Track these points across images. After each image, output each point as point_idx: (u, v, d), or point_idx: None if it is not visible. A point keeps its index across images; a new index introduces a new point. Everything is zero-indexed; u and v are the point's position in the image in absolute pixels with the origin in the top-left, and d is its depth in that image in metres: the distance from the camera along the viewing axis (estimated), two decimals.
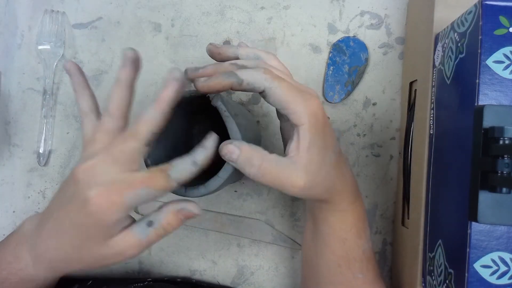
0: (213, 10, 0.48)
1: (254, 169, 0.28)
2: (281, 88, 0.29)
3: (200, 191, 0.33)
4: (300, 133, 0.29)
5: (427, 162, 0.37)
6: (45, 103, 0.48)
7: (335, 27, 0.47)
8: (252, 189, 0.47)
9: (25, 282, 0.33)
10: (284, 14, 0.47)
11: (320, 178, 0.31)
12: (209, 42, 0.47)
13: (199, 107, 0.40)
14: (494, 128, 0.27)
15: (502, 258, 0.29)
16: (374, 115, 0.46)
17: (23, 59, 0.50)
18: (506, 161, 0.26)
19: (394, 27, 0.46)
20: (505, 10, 0.29)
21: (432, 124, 0.36)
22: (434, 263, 0.34)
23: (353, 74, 0.46)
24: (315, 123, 0.29)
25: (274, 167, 0.29)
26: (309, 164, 0.30)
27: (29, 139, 0.49)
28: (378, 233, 0.46)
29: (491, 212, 0.27)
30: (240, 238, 0.47)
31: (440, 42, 0.36)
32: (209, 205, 0.48)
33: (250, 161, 0.28)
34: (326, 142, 0.31)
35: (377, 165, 0.46)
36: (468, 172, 0.29)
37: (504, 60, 0.28)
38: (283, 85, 0.29)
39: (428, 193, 0.36)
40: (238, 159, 0.29)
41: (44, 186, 0.49)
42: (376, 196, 0.46)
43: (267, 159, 0.29)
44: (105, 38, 0.49)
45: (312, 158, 0.30)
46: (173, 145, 0.40)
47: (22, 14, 0.50)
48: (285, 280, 0.47)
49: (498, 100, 0.29)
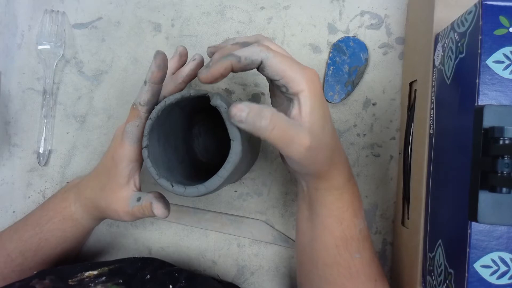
0: (213, 10, 0.48)
1: (265, 121, 0.27)
2: (277, 58, 0.29)
3: (199, 191, 0.33)
4: (300, 100, 0.29)
5: (427, 162, 0.37)
6: (45, 103, 0.48)
7: (335, 27, 0.47)
8: (252, 189, 0.47)
9: (66, 220, 0.41)
10: (284, 14, 0.47)
11: (322, 143, 0.31)
12: (209, 42, 0.48)
13: (199, 107, 0.40)
14: (494, 128, 0.27)
15: (502, 258, 0.29)
16: (374, 115, 0.46)
17: (23, 59, 0.50)
18: (506, 161, 0.26)
19: (394, 27, 0.46)
20: (505, 10, 0.29)
21: (432, 124, 0.36)
22: (434, 263, 0.34)
23: (353, 74, 0.46)
24: (314, 90, 0.30)
25: (284, 121, 0.28)
26: (312, 127, 0.30)
27: (29, 139, 0.49)
28: (378, 233, 0.46)
29: (491, 212, 0.27)
30: (240, 238, 0.47)
31: (440, 42, 0.36)
32: (209, 205, 0.48)
33: (261, 113, 0.27)
34: (325, 111, 0.31)
35: (377, 165, 0.46)
36: (468, 172, 0.29)
37: (504, 60, 0.28)
38: (279, 55, 0.30)
39: (428, 193, 0.36)
40: (247, 115, 0.27)
41: (44, 186, 0.49)
42: (376, 196, 0.46)
43: (277, 113, 0.28)
44: (105, 38, 0.49)
45: (315, 121, 0.30)
46: (173, 145, 0.40)
47: (22, 14, 0.50)
48: (285, 280, 0.47)
49: (498, 100, 0.29)
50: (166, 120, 0.37)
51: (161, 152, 0.37)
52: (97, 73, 0.49)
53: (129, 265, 0.39)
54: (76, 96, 0.49)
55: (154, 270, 0.38)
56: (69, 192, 0.42)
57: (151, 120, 0.35)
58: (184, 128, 0.43)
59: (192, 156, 0.45)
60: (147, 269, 0.38)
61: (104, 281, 0.35)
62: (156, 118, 0.35)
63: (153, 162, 0.35)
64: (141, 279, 0.36)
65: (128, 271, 0.37)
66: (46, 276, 0.34)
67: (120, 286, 0.35)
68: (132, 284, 0.35)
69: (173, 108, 0.36)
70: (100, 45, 0.49)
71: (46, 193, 0.49)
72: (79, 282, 0.35)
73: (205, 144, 0.46)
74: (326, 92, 0.46)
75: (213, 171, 0.33)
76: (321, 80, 0.46)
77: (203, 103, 0.35)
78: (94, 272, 0.36)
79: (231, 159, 0.32)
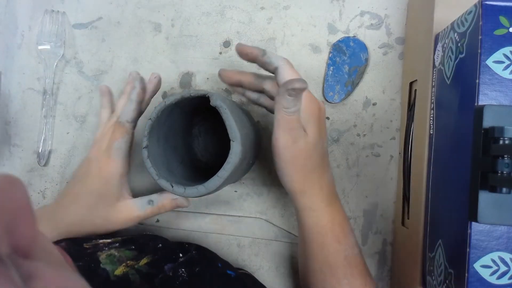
0: (213, 10, 0.48)
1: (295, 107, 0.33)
2: (290, 69, 0.35)
3: (199, 191, 0.33)
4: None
5: (427, 162, 0.37)
6: (45, 103, 0.48)
7: (335, 27, 0.47)
8: (252, 189, 0.47)
9: None
10: (284, 14, 0.47)
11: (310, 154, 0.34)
12: (209, 42, 0.48)
13: (199, 107, 0.40)
14: (494, 128, 0.27)
15: (502, 258, 0.29)
16: (374, 115, 0.46)
17: (23, 59, 0.50)
18: (506, 161, 0.26)
19: (394, 27, 0.46)
20: (505, 10, 0.28)
21: (432, 124, 0.36)
22: (434, 263, 0.34)
23: (353, 74, 0.46)
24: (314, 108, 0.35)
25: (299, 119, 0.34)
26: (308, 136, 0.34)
27: (29, 139, 0.49)
28: (378, 233, 0.46)
29: (491, 212, 0.27)
30: (240, 238, 0.47)
31: (440, 42, 0.36)
32: (209, 205, 0.48)
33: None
34: (321, 131, 0.36)
35: (377, 165, 0.46)
36: (468, 172, 0.29)
37: (504, 60, 0.28)
38: (293, 68, 0.35)
39: (428, 193, 0.36)
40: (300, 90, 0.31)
41: (44, 186, 0.49)
42: (376, 196, 0.46)
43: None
44: (105, 38, 0.49)
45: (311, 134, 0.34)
46: (173, 145, 0.40)
47: (22, 14, 0.50)
48: (285, 280, 0.47)
49: (498, 100, 0.29)
50: (166, 120, 0.37)
51: (161, 152, 0.37)
52: (97, 73, 0.49)
53: (141, 237, 0.40)
54: (76, 96, 0.49)
55: (165, 241, 0.39)
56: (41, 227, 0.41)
57: (151, 120, 0.35)
58: (184, 128, 0.43)
59: (192, 157, 0.45)
60: (158, 240, 0.39)
61: (118, 247, 0.36)
62: (156, 118, 0.35)
63: (153, 162, 0.35)
64: (153, 247, 0.37)
65: (140, 241, 0.38)
66: (62, 241, 0.36)
67: (132, 251, 0.36)
68: (144, 250, 0.36)
69: (173, 109, 0.36)
70: (100, 45, 0.49)
71: (46, 193, 0.49)
72: (93, 246, 0.36)
73: (205, 144, 0.46)
74: (326, 92, 0.46)
75: (213, 172, 0.33)
76: (321, 80, 0.47)
77: (203, 103, 0.35)
78: (108, 240, 0.37)
79: (231, 159, 0.32)
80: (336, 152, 0.46)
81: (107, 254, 0.34)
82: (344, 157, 0.46)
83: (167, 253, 0.37)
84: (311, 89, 0.46)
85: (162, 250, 0.37)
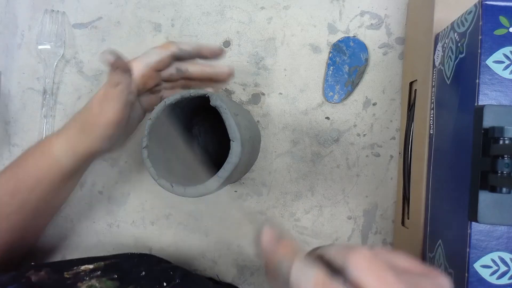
0: (213, 10, 0.48)
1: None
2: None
3: (199, 191, 0.33)
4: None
5: (427, 162, 0.37)
6: (45, 103, 0.48)
7: (335, 27, 0.47)
8: (252, 189, 0.47)
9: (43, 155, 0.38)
10: (284, 14, 0.47)
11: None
12: (209, 42, 0.48)
13: (199, 107, 0.40)
14: (494, 128, 0.27)
15: (502, 258, 0.29)
16: (374, 115, 0.46)
17: (23, 59, 0.50)
18: (506, 161, 0.26)
19: (394, 27, 0.46)
20: (505, 10, 0.28)
21: (432, 124, 0.36)
22: (434, 263, 0.34)
23: (353, 74, 0.46)
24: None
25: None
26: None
27: (29, 139, 0.49)
28: (378, 233, 0.46)
29: (491, 212, 0.27)
30: (240, 238, 0.47)
31: (440, 42, 0.36)
32: (209, 204, 0.48)
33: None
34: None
35: (377, 165, 0.46)
36: (468, 172, 0.29)
37: (504, 60, 0.28)
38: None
39: (428, 193, 0.36)
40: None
41: None
42: (376, 196, 0.46)
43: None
44: (105, 38, 0.49)
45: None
46: (173, 145, 0.40)
47: (22, 14, 0.50)
48: None
49: (498, 100, 0.29)
50: (166, 120, 0.37)
51: (161, 152, 0.37)
52: (97, 73, 0.49)
53: (125, 261, 0.39)
54: (76, 96, 0.49)
55: (149, 267, 0.38)
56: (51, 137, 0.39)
57: (151, 120, 0.35)
58: (184, 128, 0.43)
59: (192, 157, 0.45)
60: (143, 265, 0.38)
61: (99, 276, 0.35)
62: (156, 118, 0.35)
63: (153, 162, 0.35)
64: (136, 275, 0.36)
65: (123, 267, 0.37)
66: (42, 268, 0.34)
67: (114, 281, 0.35)
68: (127, 280, 0.35)
69: (173, 109, 0.36)
70: (100, 45, 0.49)
71: None
72: (74, 275, 0.35)
73: (205, 144, 0.46)
74: (326, 92, 0.46)
75: (213, 172, 0.33)
76: (321, 80, 0.46)
77: (203, 103, 0.35)
78: (90, 266, 0.36)
79: (231, 159, 0.32)
80: (336, 152, 0.46)
81: (87, 286, 0.33)
82: (344, 157, 0.46)
83: (151, 281, 0.36)
84: (311, 89, 0.46)
85: (145, 278, 0.36)
